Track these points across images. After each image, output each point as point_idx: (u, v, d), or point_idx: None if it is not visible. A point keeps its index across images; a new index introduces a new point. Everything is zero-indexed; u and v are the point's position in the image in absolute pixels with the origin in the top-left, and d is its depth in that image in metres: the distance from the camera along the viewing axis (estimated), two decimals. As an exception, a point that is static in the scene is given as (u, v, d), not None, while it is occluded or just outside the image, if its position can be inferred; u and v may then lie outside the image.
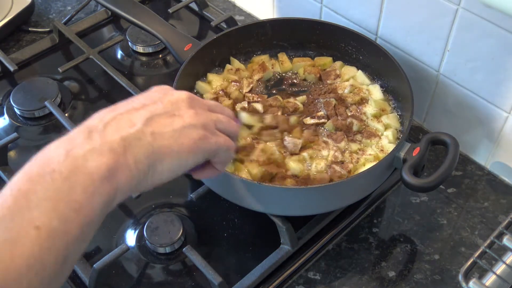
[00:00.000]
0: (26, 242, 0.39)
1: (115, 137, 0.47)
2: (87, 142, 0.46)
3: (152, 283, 0.75)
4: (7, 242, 0.39)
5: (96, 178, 0.44)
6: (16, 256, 0.39)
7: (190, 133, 0.52)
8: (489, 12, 0.72)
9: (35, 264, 0.39)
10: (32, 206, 0.41)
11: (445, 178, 0.68)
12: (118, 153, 0.46)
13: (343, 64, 0.93)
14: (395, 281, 0.74)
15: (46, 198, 0.41)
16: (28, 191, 0.42)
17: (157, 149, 0.49)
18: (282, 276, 0.75)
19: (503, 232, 0.67)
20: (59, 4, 1.19)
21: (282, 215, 0.75)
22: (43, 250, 0.40)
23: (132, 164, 0.47)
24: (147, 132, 0.49)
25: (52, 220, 0.41)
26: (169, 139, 0.50)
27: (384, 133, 0.81)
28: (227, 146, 0.58)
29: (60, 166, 0.43)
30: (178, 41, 0.90)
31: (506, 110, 0.79)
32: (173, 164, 0.51)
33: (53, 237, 0.41)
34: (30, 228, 0.40)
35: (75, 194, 0.42)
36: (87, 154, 0.45)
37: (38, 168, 0.43)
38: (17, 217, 0.40)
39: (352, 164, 0.77)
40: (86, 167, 0.44)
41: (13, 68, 1.00)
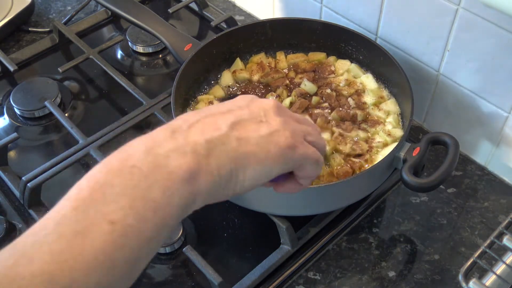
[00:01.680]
0: (99, 236, 0.37)
1: (199, 139, 0.45)
2: (170, 142, 0.44)
3: (152, 283, 0.75)
4: (78, 235, 0.37)
5: (176, 178, 0.42)
6: (86, 249, 0.37)
7: (278, 140, 0.49)
8: (489, 12, 0.72)
9: (105, 260, 0.37)
10: (108, 200, 0.39)
11: (445, 178, 0.68)
12: (201, 156, 0.44)
13: (336, 58, 0.93)
14: (395, 281, 0.74)
15: (124, 194, 0.39)
16: (105, 184, 0.40)
17: (242, 155, 0.47)
18: (282, 276, 0.75)
19: (503, 232, 0.67)
20: (59, 4, 1.19)
21: (282, 215, 0.75)
22: (116, 247, 0.38)
23: (215, 169, 0.45)
24: (233, 137, 0.47)
25: (128, 217, 0.38)
26: (255, 145, 0.47)
27: (387, 120, 0.83)
28: (316, 159, 0.53)
29: (140, 162, 0.41)
30: (178, 41, 0.90)
31: (506, 110, 0.79)
32: (257, 172, 0.48)
33: (127, 235, 0.38)
34: (104, 222, 0.38)
35: (154, 193, 0.40)
36: (169, 153, 0.43)
37: (118, 162, 0.42)
38: (92, 209, 0.38)
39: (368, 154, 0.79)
40: (167, 166, 0.42)
41: (13, 68, 1.00)
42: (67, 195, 0.40)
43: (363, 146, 0.79)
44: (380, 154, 0.79)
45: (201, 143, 0.45)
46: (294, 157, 0.50)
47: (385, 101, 0.86)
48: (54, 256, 0.36)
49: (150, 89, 1.00)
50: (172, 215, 0.41)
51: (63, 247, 0.36)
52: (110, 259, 0.37)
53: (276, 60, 0.94)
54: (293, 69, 0.92)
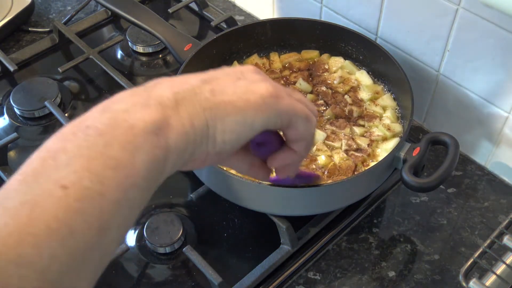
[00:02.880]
0: (49, 203, 0.32)
1: (165, 93, 0.40)
2: (130, 98, 0.39)
3: (152, 283, 0.75)
4: (25, 205, 0.32)
5: (138, 132, 0.36)
6: (35, 218, 0.32)
7: (258, 89, 0.43)
8: (489, 12, 0.72)
9: (58, 228, 0.32)
10: (60, 165, 0.34)
11: (445, 178, 0.68)
12: (167, 107, 0.38)
13: (329, 56, 0.93)
14: (395, 281, 0.74)
15: (78, 156, 0.35)
16: (57, 151, 0.35)
17: (218, 104, 0.41)
18: (282, 276, 0.75)
19: (503, 232, 0.67)
20: (59, 4, 1.19)
21: (282, 215, 0.75)
22: (71, 213, 0.33)
23: (186, 119, 0.39)
24: (205, 88, 0.41)
25: (83, 180, 0.34)
26: (232, 95, 0.42)
27: (384, 114, 0.84)
28: (305, 113, 0.46)
29: (95, 121, 0.37)
30: (178, 41, 0.90)
31: (506, 110, 0.79)
32: (237, 123, 0.41)
33: (84, 199, 0.33)
34: (55, 188, 0.33)
35: (113, 151, 0.35)
36: (129, 108, 0.38)
37: (72, 127, 0.37)
38: (42, 178, 0.34)
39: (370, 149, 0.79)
40: (126, 121, 0.36)
41: (13, 68, 1.00)
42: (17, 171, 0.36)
43: (361, 141, 0.79)
44: (380, 148, 0.79)
45: (168, 96, 0.39)
46: (278, 107, 0.44)
47: (381, 96, 0.87)
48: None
49: (150, 89, 1.00)
50: (139, 173, 0.36)
51: (7, 220, 0.32)
52: (66, 225, 0.32)
53: (270, 61, 0.94)
54: (288, 68, 0.92)
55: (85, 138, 0.36)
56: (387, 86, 0.88)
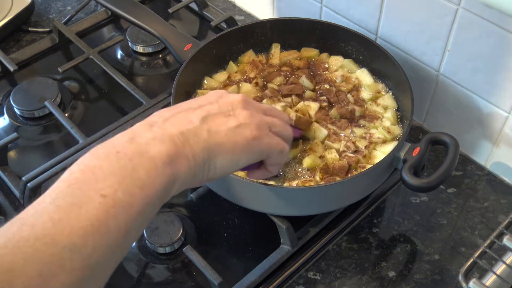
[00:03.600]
0: (92, 207, 0.42)
1: (174, 131, 0.50)
2: (149, 132, 0.50)
3: (152, 283, 0.75)
4: (74, 206, 0.41)
5: (158, 162, 0.47)
6: (82, 216, 0.41)
7: (244, 132, 0.55)
8: (489, 12, 0.72)
9: (100, 226, 0.41)
10: (98, 178, 0.43)
11: (445, 178, 0.68)
12: (177, 144, 0.49)
13: (328, 55, 0.93)
14: (395, 281, 0.74)
15: (112, 174, 0.44)
16: (94, 167, 0.45)
17: (212, 145, 0.52)
18: (282, 276, 0.75)
19: (503, 232, 0.67)
20: (59, 4, 1.19)
21: (282, 215, 0.75)
22: (109, 216, 0.42)
23: (190, 156, 0.50)
24: (203, 129, 0.52)
25: (117, 192, 0.43)
26: (224, 137, 0.53)
27: (384, 115, 0.84)
28: (280, 148, 0.60)
29: (124, 149, 0.47)
30: (178, 41, 0.90)
31: (506, 110, 0.79)
32: (227, 161, 0.54)
33: (118, 207, 0.43)
34: (97, 196, 0.42)
35: (139, 173, 0.45)
36: (149, 141, 0.48)
37: (104, 149, 0.47)
38: (84, 186, 0.43)
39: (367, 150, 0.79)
40: (148, 152, 0.47)
41: (13, 68, 1.00)
42: (60, 178, 0.45)
43: (360, 143, 0.79)
44: (378, 151, 0.79)
45: (177, 134, 0.50)
46: (259, 147, 0.57)
47: (382, 96, 0.86)
48: (54, 223, 0.40)
49: (150, 89, 1.00)
50: (156, 194, 0.46)
51: (61, 215, 0.40)
52: (105, 226, 0.42)
53: (270, 54, 0.94)
54: (287, 66, 0.92)
55: (117, 160, 0.45)
56: (387, 86, 0.88)
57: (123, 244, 0.44)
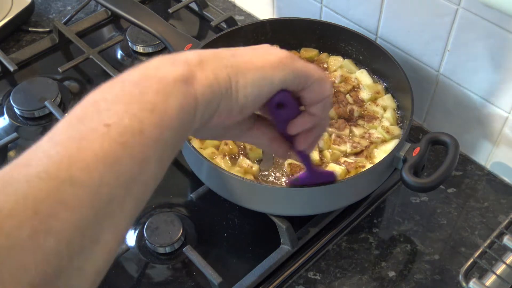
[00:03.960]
0: (95, 137, 0.37)
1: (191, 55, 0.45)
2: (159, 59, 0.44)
3: (152, 283, 0.75)
4: (73, 139, 0.36)
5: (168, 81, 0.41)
6: (84, 148, 0.36)
7: (276, 52, 0.49)
8: (489, 12, 0.72)
9: (105, 157, 0.36)
10: (101, 110, 0.38)
11: (445, 178, 0.68)
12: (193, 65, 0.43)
13: (328, 55, 0.93)
14: (395, 281, 0.74)
15: (117, 102, 0.39)
16: (97, 100, 0.40)
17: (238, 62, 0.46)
18: (282, 276, 0.75)
19: (503, 232, 0.67)
20: (59, 4, 1.19)
21: (282, 215, 0.75)
22: (115, 144, 0.37)
23: (210, 74, 0.44)
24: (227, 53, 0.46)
25: (124, 119, 0.38)
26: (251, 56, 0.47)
27: (384, 115, 0.83)
28: (320, 75, 0.51)
29: (129, 76, 0.42)
30: (178, 41, 0.90)
31: (506, 110, 0.79)
32: (257, 77, 0.46)
33: (126, 134, 0.37)
34: (100, 126, 0.37)
35: (148, 96, 0.40)
36: (159, 65, 0.43)
37: (108, 83, 0.42)
38: (86, 120, 0.38)
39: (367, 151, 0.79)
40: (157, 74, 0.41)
41: (13, 68, 1.00)
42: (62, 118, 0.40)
43: (362, 142, 0.79)
44: (378, 149, 0.79)
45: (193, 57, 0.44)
46: (294, 67, 0.49)
47: (382, 96, 0.86)
48: (50, 157, 0.35)
49: (150, 89, 1.00)
50: (172, 116, 0.40)
51: (59, 150, 0.36)
52: (112, 155, 0.36)
53: None
54: None
55: (121, 88, 0.40)
56: (387, 86, 0.88)
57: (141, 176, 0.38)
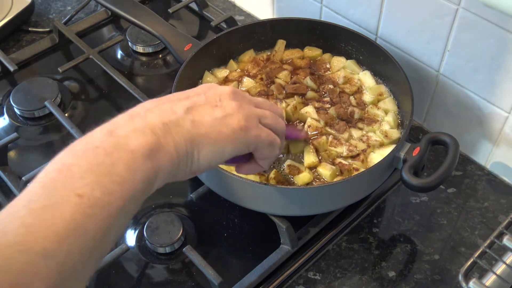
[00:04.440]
0: (68, 208, 0.39)
1: (156, 122, 0.48)
2: (129, 124, 0.47)
3: (152, 283, 0.75)
4: (48, 207, 0.39)
5: (138, 156, 0.45)
6: (57, 219, 0.39)
7: (231, 122, 0.52)
8: (489, 12, 0.72)
9: (76, 228, 0.39)
10: (75, 177, 0.41)
11: (445, 178, 0.68)
12: (159, 135, 0.47)
13: (331, 55, 0.93)
14: (395, 281, 0.74)
15: (90, 171, 0.42)
16: (71, 165, 0.42)
17: (196, 136, 0.50)
18: (282, 276, 0.75)
19: (503, 232, 0.67)
20: (59, 4, 1.19)
21: (282, 215, 0.75)
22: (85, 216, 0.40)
23: (172, 148, 0.48)
24: (187, 119, 0.50)
25: (95, 191, 0.41)
26: (208, 128, 0.51)
27: (385, 118, 0.83)
28: (270, 141, 0.56)
29: (103, 143, 0.44)
30: (178, 41, 0.90)
31: (506, 110, 0.79)
32: (211, 152, 0.51)
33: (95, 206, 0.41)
34: (72, 196, 0.40)
35: (118, 169, 0.43)
36: (129, 134, 0.46)
37: (81, 146, 0.45)
38: (60, 186, 0.41)
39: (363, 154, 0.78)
40: (128, 145, 0.45)
41: (13, 68, 1.00)
42: (35, 178, 0.42)
43: (359, 146, 0.79)
44: (375, 153, 0.78)
45: (158, 125, 0.48)
46: (246, 139, 0.53)
47: (384, 99, 0.86)
48: (27, 228, 0.38)
49: (150, 89, 1.00)
50: (137, 189, 0.44)
51: (34, 220, 0.38)
52: (81, 227, 0.40)
53: (273, 52, 0.94)
54: (289, 64, 0.92)
55: (95, 156, 0.43)
56: (387, 86, 0.88)
57: (103, 244, 0.42)
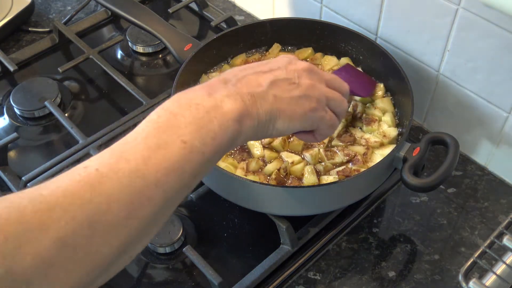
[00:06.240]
0: (174, 150, 0.48)
1: (245, 91, 0.56)
2: (224, 89, 0.55)
3: (152, 283, 0.75)
4: (161, 147, 0.47)
5: (229, 118, 0.52)
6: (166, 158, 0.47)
7: (304, 103, 0.60)
8: (489, 12, 0.72)
9: (178, 168, 0.47)
10: (181, 125, 0.50)
11: (445, 178, 0.68)
12: (247, 104, 0.55)
13: (322, 55, 0.93)
14: (395, 281, 0.74)
15: (192, 123, 0.50)
16: (178, 114, 0.50)
17: (275, 110, 0.58)
18: (282, 276, 0.75)
19: (503, 232, 0.67)
20: (59, 4, 1.19)
21: (282, 215, 0.75)
22: (186, 160, 0.48)
23: (256, 115, 0.56)
24: (270, 94, 0.58)
25: (195, 140, 0.49)
26: (286, 104, 0.59)
27: (383, 118, 0.83)
28: (331, 123, 0.65)
29: (203, 101, 0.52)
30: (178, 41, 0.90)
31: (506, 110, 0.79)
32: (284, 125, 0.59)
33: (193, 153, 0.49)
34: (178, 141, 0.48)
35: (213, 125, 0.51)
36: (224, 98, 0.54)
37: (186, 100, 0.52)
38: (170, 130, 0.49)
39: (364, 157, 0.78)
40: (222, 107, 0.53)
41: (13, 68, 1.00)
42: (148, 118, 0.51)
43: (356, 149, 0.79)
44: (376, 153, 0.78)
45: (247, 95, 0.56)
46: (313, 119, 0.62)
47: (381, 97, 0.86)
48: (145, 159, 0.46)
49: (150, 89, 1.00)
50: (223, 145, 0.52)
51: (151, 154, 0.47)
52: (182, 168, 0.48)
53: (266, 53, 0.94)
54: None
55: (197, 112, 0.51)
56: (386, 87, 0.88)
57: (191, 185, 0.50)
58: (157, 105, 0.91)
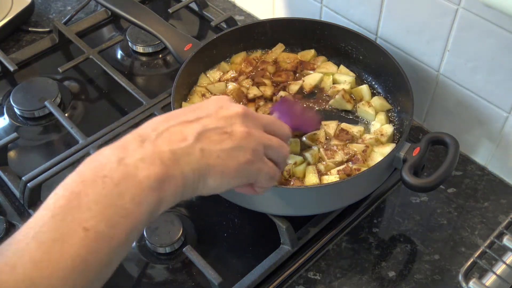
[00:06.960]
0: (75, 243, 0.41)
1: (165, 149, 0.48)
2: (139, 151, 0.47)
3: (152, 283, 0.75)
4: (57, 241, 0.41)
5: (145, 187, 0.45)
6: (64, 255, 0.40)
7: (237, 155, 0.53)
8: (489, 12, 0.72)
9: (80, 264, 0.41)
10: (83, 208, 0.43)
11: (445, 178, 0.68)
12: (167, 166, 0.47)
13: (326, 59, 0.93)
14: (395, 281, 0.74)
15: (97, 202, 0.43)
16: (80, 193, 0.43)
17: (203, 167, 0.50)
18: (282, 276, 0.75)
19: (503, 232, 0.67)
20: (59, 4, 1.19)
21: (282, 215, 0.75)
22: (89, 251, 0.42)
23: (179, 178, 0.48)
24: (197, 148, 0.50)
25: (100, 224, 0.42)
26: (216, 159, 0.51)
27: (376, 117, 0.84)
28: (271, 175, 0.58)
29: (112, 172, 0.45)
30: (178, 41, 0.90)
31: (506, 110, 0.79)
32: (216, 183, 0.52)
33: (99, 240, 0.42)
34: (79, 229, 0.41)
35: (124, 201, 0.44)
36: (138, 163, 0.46)
37: (91, 172, 0.45)
38: (68, 217, 0.42)
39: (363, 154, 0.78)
40: (136, 175, 0.45)
41: (13, 68, 1.00)
42: (44, 204, 0.44)
43: (355, 148, 0.79)
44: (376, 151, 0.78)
45: (167, 154, 0.48)
46: (249, 172, 0.55)
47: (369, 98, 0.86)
48: (35, 263, 0.39)
49: (150, 89, 1.00)
50: (140, 220, 0.45)
51: (43, 255, 0.40)
52: (84, 263, 0.41)
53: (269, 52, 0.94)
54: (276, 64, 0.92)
55: (103, 186, 0.44)
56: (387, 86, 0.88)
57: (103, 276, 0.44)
58: (157, 105, 0.92)
